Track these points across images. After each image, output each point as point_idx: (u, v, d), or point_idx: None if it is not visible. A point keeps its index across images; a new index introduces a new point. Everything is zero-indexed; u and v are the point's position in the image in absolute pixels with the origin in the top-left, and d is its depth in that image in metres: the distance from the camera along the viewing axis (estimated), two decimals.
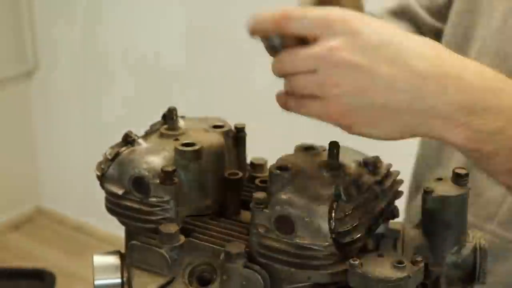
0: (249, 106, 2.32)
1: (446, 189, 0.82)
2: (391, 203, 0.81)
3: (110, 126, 2.81)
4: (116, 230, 2.44)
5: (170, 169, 0.82)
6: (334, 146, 0.79)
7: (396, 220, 0.86)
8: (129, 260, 0.84)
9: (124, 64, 2.79)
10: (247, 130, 0.95)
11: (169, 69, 2.63)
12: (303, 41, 0.74)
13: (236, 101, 2.40)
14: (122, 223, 0.87)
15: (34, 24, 3.02)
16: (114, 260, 0.87)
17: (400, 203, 0.86)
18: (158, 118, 0.94)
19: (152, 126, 0.92)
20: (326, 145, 0.82)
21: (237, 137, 0.93)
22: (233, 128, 0.93)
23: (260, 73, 2.30)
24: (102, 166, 0.87)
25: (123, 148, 0.86)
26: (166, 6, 2.59)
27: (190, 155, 0.84)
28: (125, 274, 0.85)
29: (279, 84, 0.95)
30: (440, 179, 0.84)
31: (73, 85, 3.01)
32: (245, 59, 2.36)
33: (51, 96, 3.09)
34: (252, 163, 0.96)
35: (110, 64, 2.84)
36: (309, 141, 0.87)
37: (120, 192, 0.85)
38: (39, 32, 3.02)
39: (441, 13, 1.22)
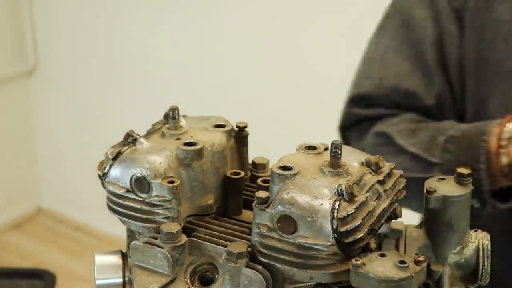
0: (251, 105, 2.32)
1: (448, 189, 0.82)
2: (393, 203, 0.81)
3: (111, 125, 2.81)
4: (117, 229, 2.44)
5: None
6: (336, 145, 0.79)
7: (398, 220, 0.86)
8: (130, 259, 0.83)
9: (125, 63, 2.79)
10: (249, 130, 0.94)
11: (171, 68, 2.63)
12: None
13: (238, 100, 2.40)
14: (124, 222, 0.87)
15: (34, 23, 3.02)
16: (115, 259, 0.87)
17: None
18: (160, 117, 0.94)
19: (153, 125, 0.92)
20: (328, 144, 0.82)
21: (239, 136, 0.93)
22: (235, 127, 0.93)
23: (262, 72, 2.29)
24: (104, 166, 0.87)
25: (125, 148, 0.86)
26: (166, 5, 2.59)
27: (191, 155, 0.84)
28: (127, 274, 0.85)
29: (280, 84, 0.95)
30: (442, 178, 0.84)
31: (73, 84, 3.00)
32: (247, 59, 2.36)
33: (51, 95, 3.09)
34: (254, 163, 0.96)
35: (111, 63, 2.84)
36: (311, 140, 0.87)
37: (121, 191, 0.84)
38: (40, 31, 3.02)
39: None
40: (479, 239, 0.84)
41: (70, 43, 2.96)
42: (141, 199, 0.84)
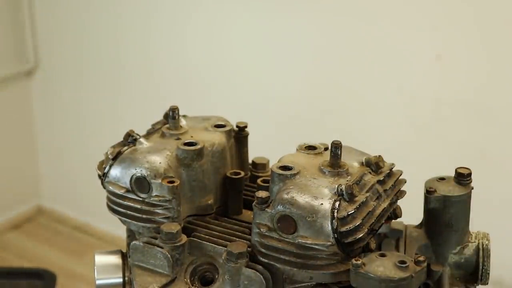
0: (251, 105, 2.32)
1: (449, 189, 0.82)
2: (393, 202, 0.81)
3: (111, 125, 2.80)
4: (117, 229, 2.42)
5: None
6: (336, 145, 0.78)
7: (398, 220, 0.86)
8: (130, 259, 0.83)
9: (125, 63, 2.78)
10: (249, 130, 0.94)
11: (171, 68, 2.63)
12: None
13: (238, 100, 2.40)
14: (124, 222, 0.87)
15: (34, 23, 3.01)
16: (115, 259, 0.87)
17: (404, 203, 0.86)
18: (160, 117, 0.94)
19: (153, 125, 0.92)
20: (328, 144, 0.82)
21: (239, 136, 0.93)
22: (235, 127, 0.93)
23: (262, 72, 2.29)
24: (104, 166, 0.87)
25: (125, 148, 0.86)
26: (166, 5, 2.59)
27: (191, 155, 0.84)
28: (127, 274, 0.85)
29: (282, 84, 0.96)
30: (443, 178, 0.84)
31: (74, 84, 3.00)
32: (247, 59, 2.35)
33: (51, 95, 3.09)
34: (254, 163, 0.96)
35: (111, 63, 2.84)
36: (311, 140, 0.87)
37: (121, 191, 0.84)
38: (40, 31, 3.01)
39: None
40: (479, 239, 0.84)
41: (70, 43, 2.96)
42: (141, 199, 0.84)
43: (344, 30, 2.09)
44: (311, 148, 0.84)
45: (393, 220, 0.84)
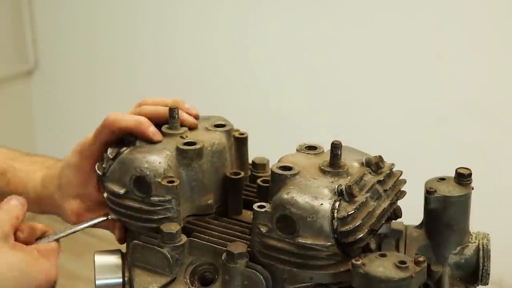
0: (251, 105, 2.32)
1: (449, 189, 0.82)
2: (393, 203, 0.81)
3: None
4: None
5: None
6: (336, 145, 0.78)
7: (398, 220, 0.86)
8: (130, 259, 0.83)
9: (125, 63, 2.79)
10: (249, 130, 0.94)
11: (171, 68, 2.63)
12: None
13: (238, 100, 2.40)
14: (124, 222, 0.87)
15: (34, 23, 3.02)
16: (115, 259, 0.87)
17: (404, 204, 0.86)
18: None
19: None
20: (328, 145, 0.82)
21: (239, 136, 0.93)
22: (234, 127, 0.93)
23: (262, 72, 2.29)
24: (103, 166, 0.86)
25: (124, 148, 0.86)
26: (166, 5, 2.59)
27: (191, 154, 0.84)
28: (126, 274, 0.85)
29: (282, 84, 0.96)
30: (443, 179, 0.84)
31: (73, 84, 3.00)
32: (247, 59, 2.35)
33: (51, 95, 3.09)
34: (254, 163, 0.96)
35: (111, 63, 2.84)
36: (311, 140, 0.87)
37: (121, 191, 0.84)
38: (40, 31, 3.02)
39: None
40: (479, 240, 0.84)
41: (70, 43, 2.96)
42: (140, 199, 0.83)
43: (344, 30, 2.09)
44: (311, 148, 0.84)
45: (393, 220, 0.84)
